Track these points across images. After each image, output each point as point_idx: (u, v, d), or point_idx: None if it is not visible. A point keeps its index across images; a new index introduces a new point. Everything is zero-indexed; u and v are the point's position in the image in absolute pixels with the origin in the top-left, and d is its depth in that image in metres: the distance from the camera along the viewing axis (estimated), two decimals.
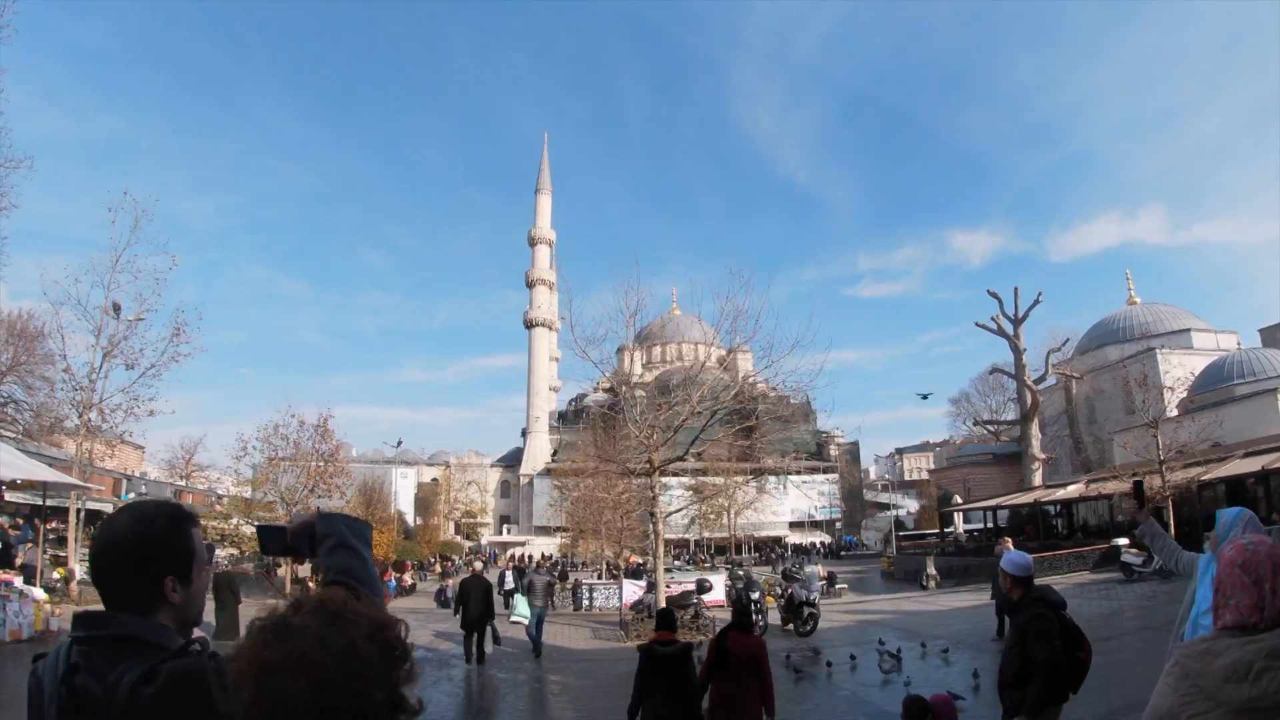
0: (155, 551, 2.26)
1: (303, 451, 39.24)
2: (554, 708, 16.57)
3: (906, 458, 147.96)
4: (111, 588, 2.23)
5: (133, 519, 2.28)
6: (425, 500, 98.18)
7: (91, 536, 2.31)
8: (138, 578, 2.23)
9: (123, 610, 2.19)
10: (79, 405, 30.71)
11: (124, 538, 2.24)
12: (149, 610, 2.22)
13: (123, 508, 2.38)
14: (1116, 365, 75.98)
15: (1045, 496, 52.49)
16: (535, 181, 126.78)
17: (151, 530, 2.26)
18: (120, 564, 2.23)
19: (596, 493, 43.82)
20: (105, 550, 2.24)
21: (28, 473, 21.58)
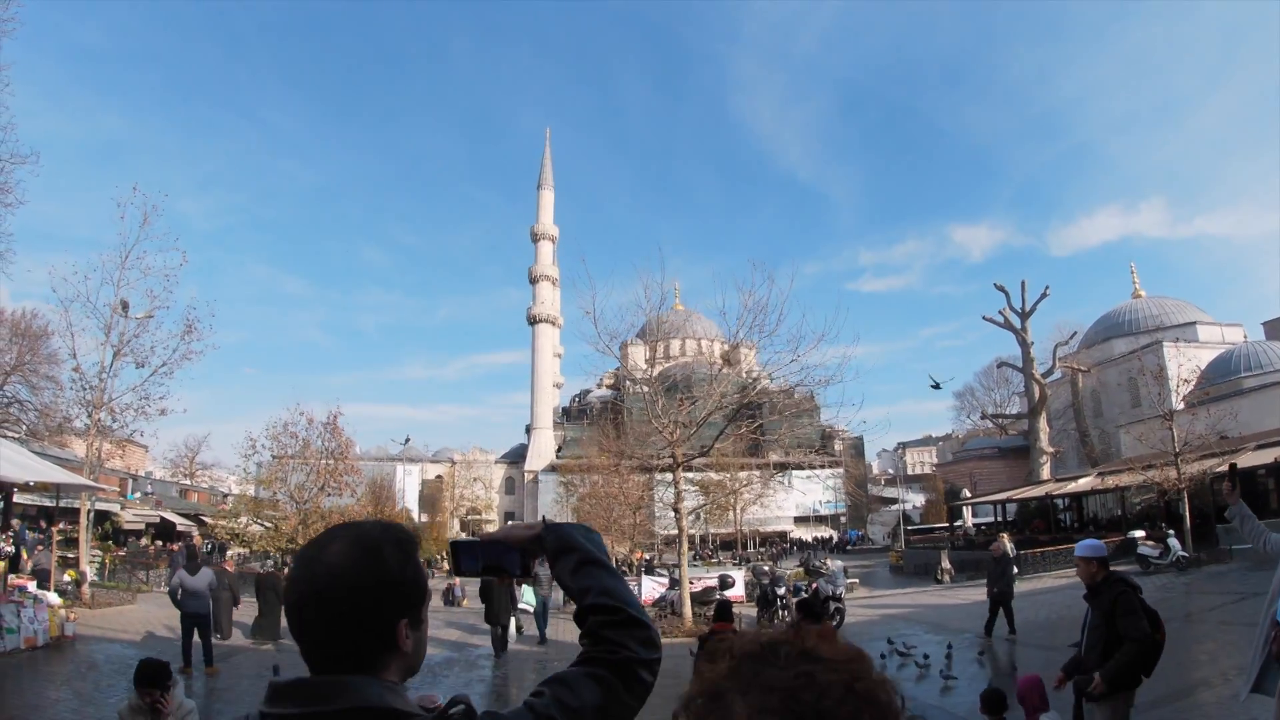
0: (388, 590, 1.80)
1: (312, 450, 39.14)
2: None
3: (909, 452, 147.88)
4: (332, 641, 1.76)
5: (355, 550, 1.80)
6: (430, 497, 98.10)
7: (292, 576, 1.89)
8: (368, 626, 1.77)
9: (345, 669, 1.74)
10: (89, 405, 30.43)
11: (348, 575, 1.76)
12: (378, 666, 1.78)
13: (332, 534, 1.86)
14: (1123, 359, 76.02)
15: (1056, 490, 52.43)
16: (537, 177, 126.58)
17: (381, 564, 1.80)
18: (346, 610, 1.75)
19: (606, 488, 43.70)
20: (323, 593, 1.75)
21: (42, 475, 21.35)
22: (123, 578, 35.99)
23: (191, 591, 17.59)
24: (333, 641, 1.75)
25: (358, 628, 1.75)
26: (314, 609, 1.75)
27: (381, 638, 1.78)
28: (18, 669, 17.17)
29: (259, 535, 40.24)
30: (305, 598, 1.76)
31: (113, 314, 30.34)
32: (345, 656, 1.74)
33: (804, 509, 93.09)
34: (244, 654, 21.35)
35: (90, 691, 15.24)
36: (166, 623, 24.47)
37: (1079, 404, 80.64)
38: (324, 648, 1.75)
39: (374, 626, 1.76)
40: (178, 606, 17.75)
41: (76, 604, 24.36)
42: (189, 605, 17.57)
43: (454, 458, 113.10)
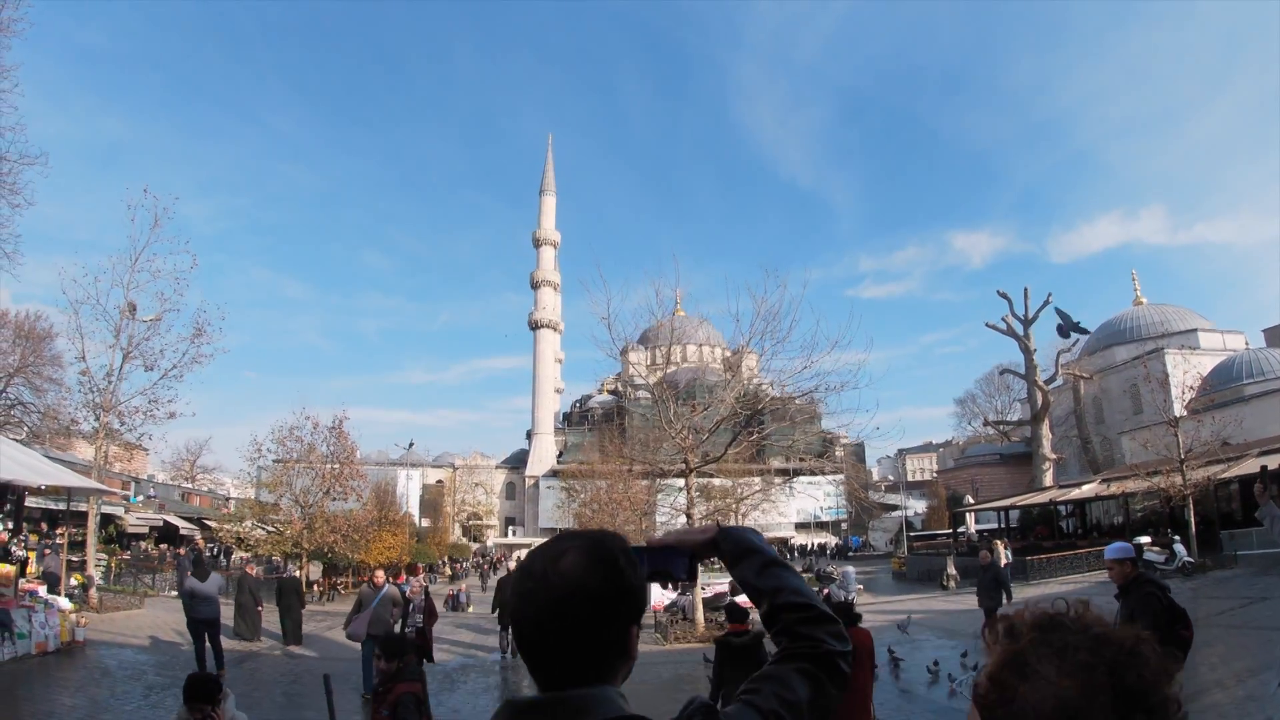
0: (626, 598, 1.80)
1: (317, 454, 39.15)
2: None
3: (909, 459, 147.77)
4: (576, 653, 1.75)
5: (591, 560, 1.79)
6: (432, 502, 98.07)
7: (523, 589, 1.77)
8: (609, 635, 1.77)
9: (587, 680, 1.74)
10: (96, 408, 30.37)
11: (591, 586, 1.75)
12: (614, 674, 1.81)
13: (560, 546, 1.83)
14: (1125, 366, 76.04)
15: (1060, 496, 52.38)
16: (539, 183, 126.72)
17: (619, 572, 1.80)
18: (589, 621, 1.74)
19: (611, 494, 43.65)
20: (566, 604, 1.73)
21: (55, 478, 21.26)
22: (128, 581, 35.93)
23: (203, 597, 17.58)
24: (576, 653, 1.75)
25: (599, 638, 1.75)
26: (557, 621, 1.73)
27: (618, 646, 1.79)
28: (30, 675, 17.01)
29: (262, 539, 40.17)
30: (547, 611, 1.74)
31: (121, 317, 30.30)
32: (588, 667, 1.74)
33: (805, 515, 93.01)
34: (257, 659, 21.28)
35: (105, 698, 15.10)
36: (176, 627, 24.40)
37: (1081, 411, 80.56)
38: (566, 660, 1.74)
39: (613, 635, 1.77)
40: (188, 613, 17.70)
41: (84, 608, 24.25)
42: (200, 611, 17.55)
43: (455, 463, 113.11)
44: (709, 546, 2.15)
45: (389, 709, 7.14)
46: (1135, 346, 79.48)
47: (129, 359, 30.39)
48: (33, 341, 60.09)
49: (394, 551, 43.12)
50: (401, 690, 7.23)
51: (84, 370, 30.26)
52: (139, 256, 30.80)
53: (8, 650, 17.60)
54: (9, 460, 19.19)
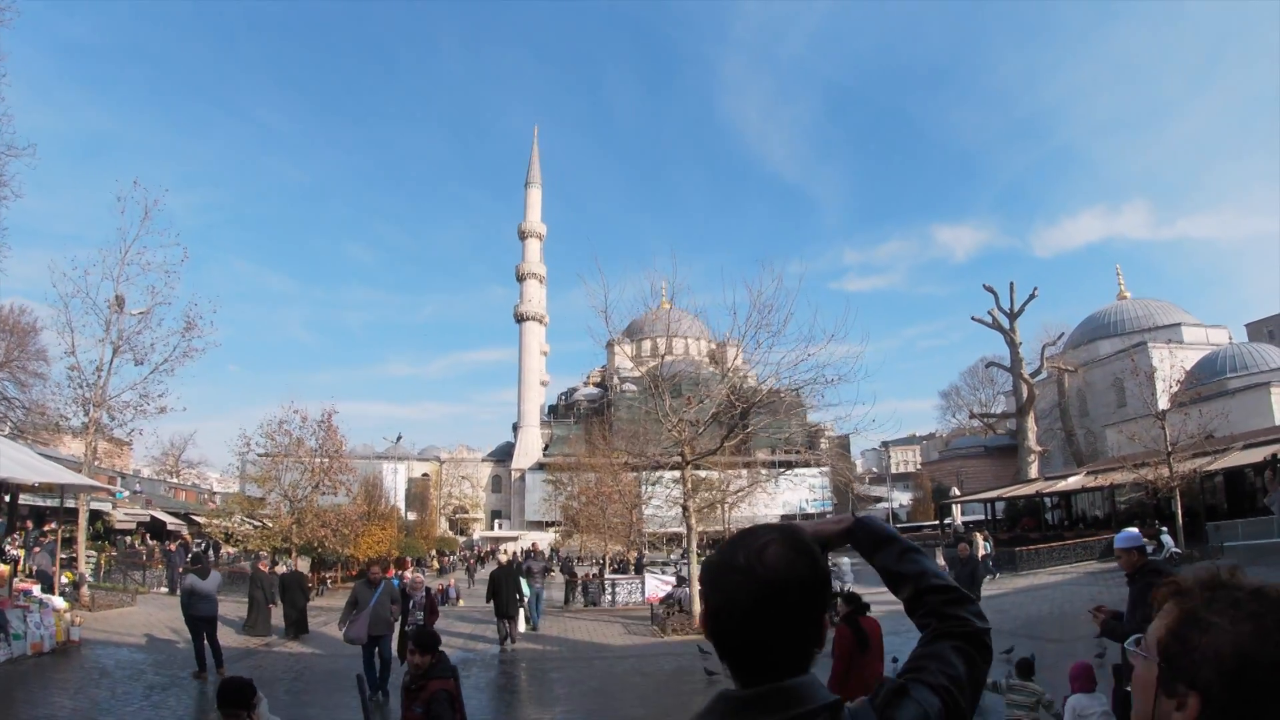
0: (824, 587, 1.84)
1: (305, 448, 39.02)
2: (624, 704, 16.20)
3: (893, 451, 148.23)
4: (784, 643, 1.77)
5: (792, 551, 1.81)
6: (418, 496, 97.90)
7: (727, 582, 1.71)
8: (810, 624, 1.80)
9: (794, 670, 1.77)
10: (86, 403, 30.16)
11: (798, 576, 1.77)
12: (812, 662, 1.82)
13: (757, 538, 1.84)
14: (1109, 359, 76.53)
15: (1047, 488, 52.70)
16: (525, 175, 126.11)
17: (816, 562, 1.84)
18: (797, 610, 1.76)
19: (600, 487, 43.67)
20: (777, 596, 1.75)
21: (48, 475, 21.13)
22: (117, 578, 35.74)
23: (202, 595, 17.43)
24: (787, 642, 1.77)
25: (806, 626, 1.79)
26: (770, 611, 1.75)
27: (817, 633, 1.82)
28: (27, 676, 16.84)
29: (251, 534, 40.04)
30: (759, 601, 1.75)
31: (111, 310, 30.09)
32: (796, 655, 1.78)
33: (790, 507, 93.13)
34: (256, 655, 21.20)
35: (106, 700, 14.95)
36: (170, 625, 24.32)
37: (1065, 403, 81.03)
38: (777, 650, 1.77)
39: (815, 623, 1.80)
40: (187, 611, 17.51)
41: (77, 607, 24.07)
42: (199, 609, 17.36)
43: (441, 456, 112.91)
44: (843, 536, 2.23)
45: (422, 706, 7.04)
46: (1119, 340, 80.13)
47: (119, 353, 30.20)
48: (17, 335, 59.64)
49: (383, 546, 42.96)
50: (435, 687, 7.14)
51: (73, 365, 30.02)
52: (128, 249, 30.57)
53: (3, 652, 17.46)
54: (3, 458, 19.07)
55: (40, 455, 27.82)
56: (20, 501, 36.34)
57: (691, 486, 28.86)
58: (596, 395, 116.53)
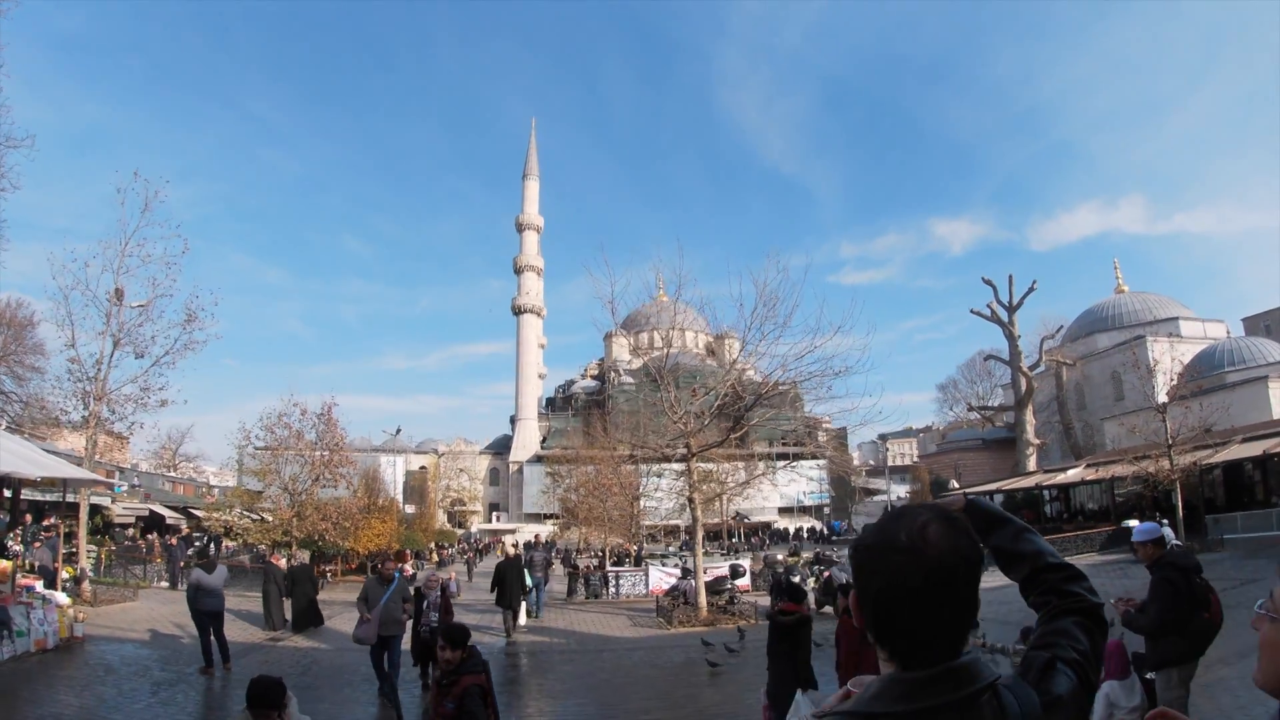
0: (983, 564, 1.85)
1: (305, 441, 38.94)
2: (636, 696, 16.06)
3: (889, 444, 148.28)
4: (961, 619, 1.78)
5: (955, 527, 1.81)
6: (416, 488, 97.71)
7: (891, 562, 1.65)
8: (974, 604, 1.80)
9: (957, 649, 1.77)
10: (86, 396, 30.00)
11: (967, 551, 1.78)
12: (967, 640, 1.84)
13: (917, 517, 1.82)
14: (1107, 353, 76.61)
15: (1046, 480, 52.78)
16: (523, 167, 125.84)
17: (975, 540, 1.86)
18: (968, 585, 1.76)
19: (600, 478, 43.66)
20: (950, 571, 1.75)
21: (51, 470, 21.01)
22: (118, 573, 35.65)
23: (209, 590, 17.30)
24: (956, 620, 1.77)
25: (970, 605, 1.79)
26: (942, 589, 1.74)
27: (976, 611, 1.82)
28: (32, 674, 16.69)
29: (251, 527, 39.93)
30: (928, 580, 1.74)
31: (110, 303, 29.95)
32: (960, 635, 1.78)
33: (789, 500, 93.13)
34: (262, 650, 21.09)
35: (112, 697, 14.79)
36: (174, 620, 24.25)
37: (1063, 396, 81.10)
38: (943, 631, 1.76)
39: (975, 602, 1.80)
40: (193, 606, 17.35)
41: (78, 602, 23.94)
42: (206, 604, 17.19)
43: (438, 449, 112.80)
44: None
45: (454, 702, 6.97)
46: (1117, 334, 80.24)
47: (119, 346, 30.05)
48: (14, 329, 59.52)
49: (383, 539, 42.81)
50: (468, 682, 7.05)
51: (73, 358, 29.85)
52: (129, 241, 30.41)
53: (7, 649, 17.27)
54: (6, 452, 18.97)
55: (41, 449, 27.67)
56: (21, 496, 36.32)
57: (701, 479, 28.81)
58: (594, 388, 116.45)
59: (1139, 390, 62.11)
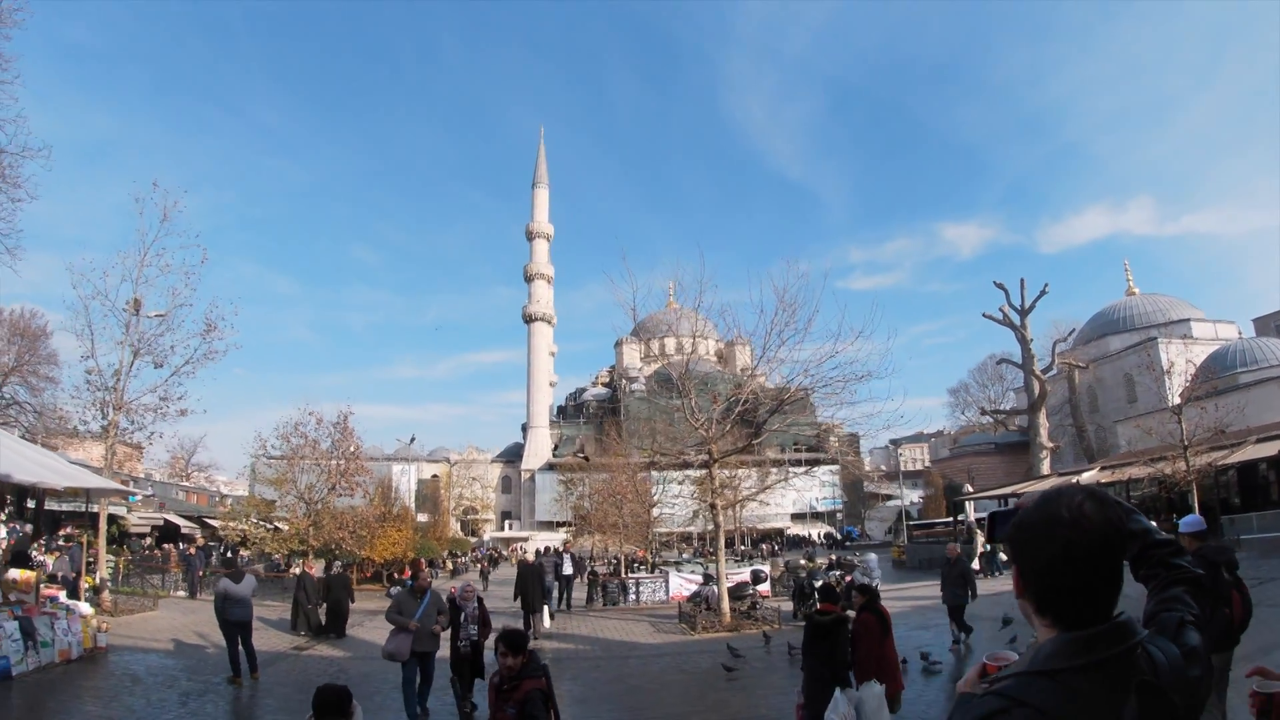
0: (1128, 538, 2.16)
1: (321, 450, 38.98)
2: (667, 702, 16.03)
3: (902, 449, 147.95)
4: (1114, 585, 1.99)
5: (1107, 502, 2.03)
6: (429, 497, 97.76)
7: (1057, 535, 1.68)
8: (1122, 570, 2.03)
9: (1110, 611, 1.99)
10: (106, 406, 30.03)
11: (1120, 524, 2.01)
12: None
13: (1070, 496, 2.04)
14: (1119, 355, 76.45)
15: (1061, 484, 52.62)
16: (532, 175, 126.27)
17: (1121, 514, 2.07)
18: (1119, 557, 2.01)
19: (615, 485, 43.60)
20: (1109, 541, 1.97)
21: (76, 479, 21.08)
22: (135, 583, 35.73)
23: (236, 599, 17.27)
24: (1109, 586, 1.98)
25: (1120, 570, 2.01)
26: (1104, 557, 1.96)
27: (1123, 576, 2.04)
28: (57, 685, 16.65)
29: (266, 536, 39.97)
30: (1094, 549, 1.96)
31: (128, 313, 29.99)
32: (1114, 597, 1.99)
33: (801, 505, 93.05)
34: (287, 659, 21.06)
35: (141, 707, 14.78)
36: (196, 629, 24.31)
37: (1076, 400, 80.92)
38: (1102, 593, 1.97)
39: (1122, 568, 2.04)
40: (221, 615, 17.28)
41: (99, 612, 23.94)
42: (233, 613, 17.14)
43: (450, 457, 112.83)
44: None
45: (516, 706, 6.97)
46: (1129, 336, 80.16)
47: (139, 356, 30.09)
48: (28, 339, 59.82)
49: (398, 547, 42.89)
50: (529, 686, 7.06)
51: (92, 368, 29.88)
52: (147, 251, 30.47)
53: (32, 660, 17.27)
54: (30, 462, 19.00)
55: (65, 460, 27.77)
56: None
57: (721, 484, 28.82)
58: (606, 395, 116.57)
59: (1152, 392, 62.10)
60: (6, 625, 16.78)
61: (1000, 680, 1.96)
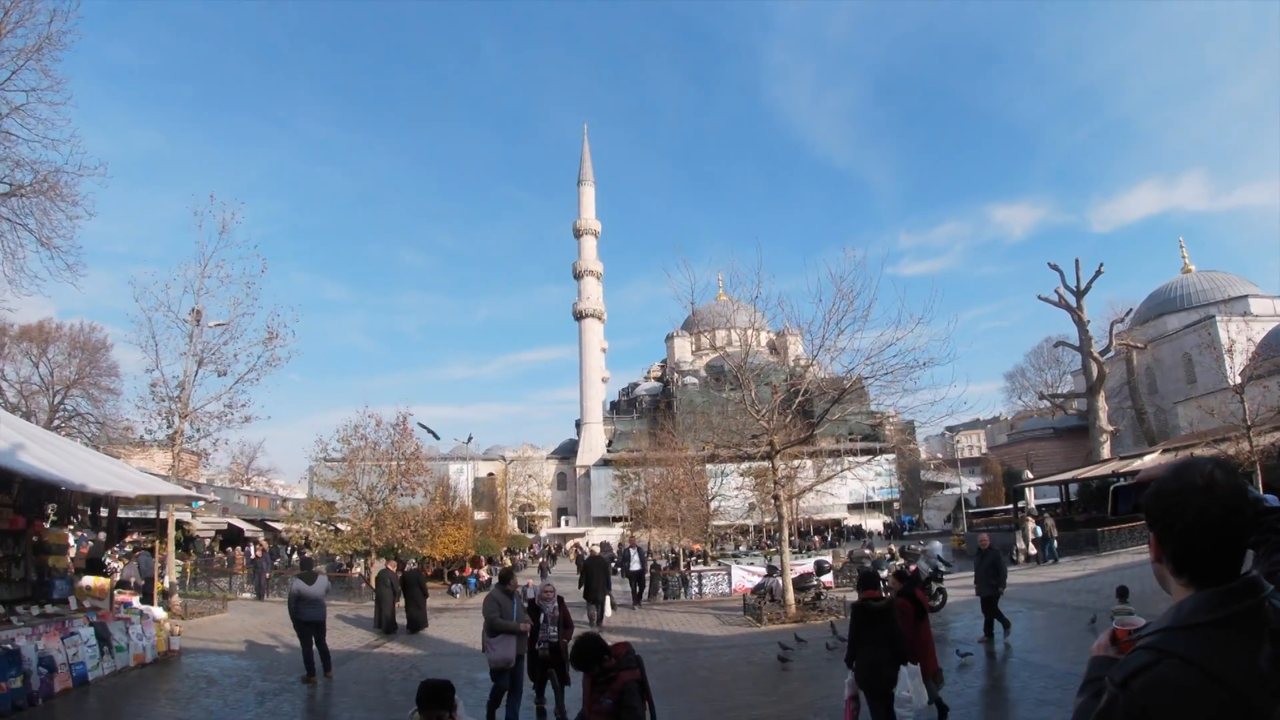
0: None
1: (381, 451, 39.44)
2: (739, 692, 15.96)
3: (958, 436, 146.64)
4: (1239, 547, 2.15)
5: (1231, 470, 2.18)
6: (485, 494, 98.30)
7: (1194, 502, 1.69)
8: (1249, 531, 2.20)
9: (1240, 568, 2.15)
10: (172, 415, 30.54)
11: (1245, 493, 2.14)
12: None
13: (1197, 468, 2.18)
14: (1177, 334, 75.26)
15: (1122, 468, 51.79)
16: (577, 173, 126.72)
17: (1245, 482, 2.21)
18: (1248, 519, 2.16)
19: (671, 480, 43.55)
20: (1240, 505, 2.12)
21: (149, 487, 21.44)
22: (202, 586, 36.28)
23: (310, 600, 17.47)
24: (1240, 545, 2.14)
25: (1249, 532, 2.18)
26: (1232, 522, 2.11)
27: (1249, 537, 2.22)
28: (133, 688, 16.93)
29: (330, 538, 40.44)
30: (1226, 514, 2.09)
31: (190, 324, 30.49)
32: (1242, 556, 2.14)
33: (857, 496, 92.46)
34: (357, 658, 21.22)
35: (219, 708, 15.03)
36: (267, 630, 24.65)
37: (1134, 381, 79.71)
38: (1236, 552, 2.12)
39: (1249, 529, 2.19)
40: (294, 616, 17.47)
41: (170, 615, 24.32)
42: (306, 613, 17.36)
43: (505, 455, 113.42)
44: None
45: (612, 697, 7.03)
46: (1186, 315, 78.90)
47: (203, 365, 30.60)
48: (88, 353, 60.91)
49: (459, 545, 43.28)
50: (626, 678, 7.13)
51: (157, 380, 30.40)
52: (207, 263, 30.99)
53: (107, 664, 17.53)
54: (104, 472, 19.34)
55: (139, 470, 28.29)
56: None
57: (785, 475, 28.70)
58: (658, 389, 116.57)
59: (1212, 371, 61.08)
60: (83, 631, 17.03)
61: (1146, 636, 2.11)
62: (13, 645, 14.59)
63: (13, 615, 16.47)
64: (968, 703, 13.79)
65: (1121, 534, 38.48)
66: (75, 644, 16.60)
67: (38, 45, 26.39)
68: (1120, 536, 38.20)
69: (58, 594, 18.76)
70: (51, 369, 58.72)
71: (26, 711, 14.33)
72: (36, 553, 18.79)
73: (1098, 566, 32.76)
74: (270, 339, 31.28)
